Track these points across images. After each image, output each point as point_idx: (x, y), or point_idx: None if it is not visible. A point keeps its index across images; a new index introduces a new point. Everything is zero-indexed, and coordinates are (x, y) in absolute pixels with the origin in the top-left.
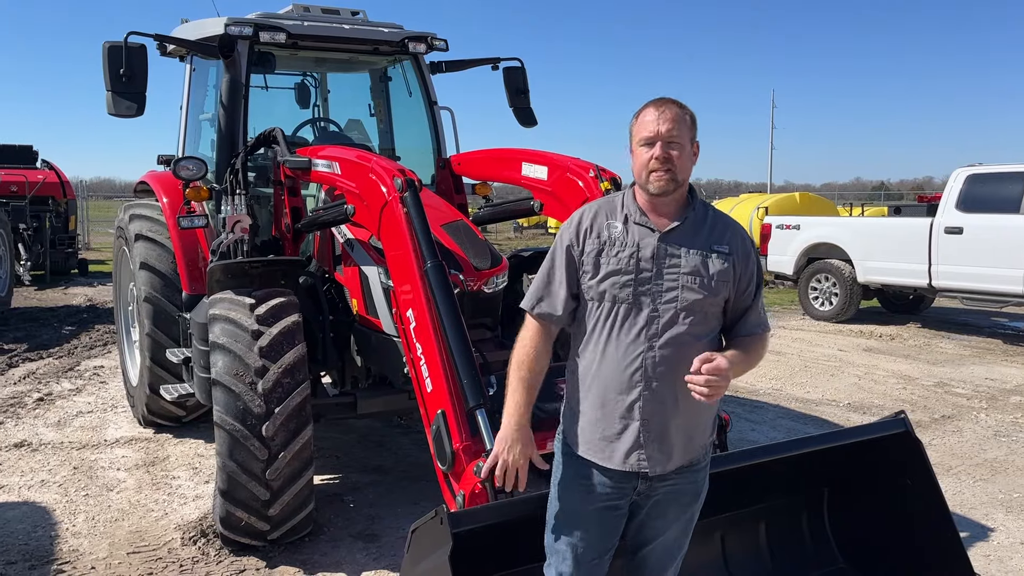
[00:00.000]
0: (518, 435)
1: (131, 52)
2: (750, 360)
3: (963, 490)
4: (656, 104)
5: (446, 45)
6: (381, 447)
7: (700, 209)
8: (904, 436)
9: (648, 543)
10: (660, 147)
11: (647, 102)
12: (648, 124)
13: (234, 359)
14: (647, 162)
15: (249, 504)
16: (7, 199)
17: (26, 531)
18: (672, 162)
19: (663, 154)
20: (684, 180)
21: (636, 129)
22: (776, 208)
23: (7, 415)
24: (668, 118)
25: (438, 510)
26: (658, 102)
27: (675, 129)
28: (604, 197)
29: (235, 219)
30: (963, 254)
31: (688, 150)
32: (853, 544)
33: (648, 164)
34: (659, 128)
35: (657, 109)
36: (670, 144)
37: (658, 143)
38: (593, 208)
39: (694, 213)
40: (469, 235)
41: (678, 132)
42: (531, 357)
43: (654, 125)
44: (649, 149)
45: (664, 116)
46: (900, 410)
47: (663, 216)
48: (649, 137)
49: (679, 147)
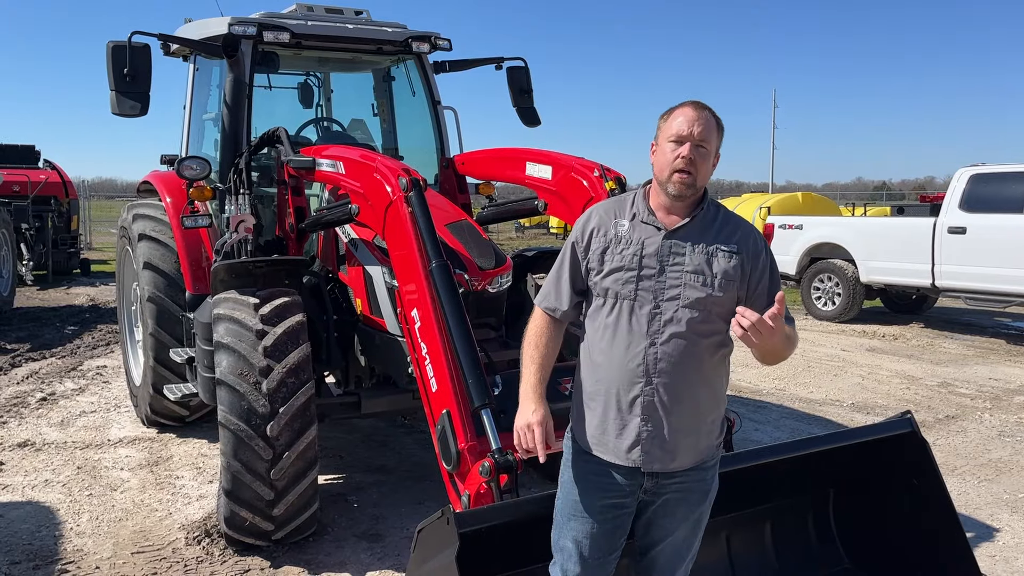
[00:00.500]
0: (532, 403)
1: (135, 52)
2: (789, 342)
3: (968, 490)
4: (695, 105)
5: (450, 45)
6: (384, 447)
7: (711, 209)
8: (911, 436)
9: (657, 543)
10: (689, 147)
11: (684, 101)
12: (682, 123)
13: (238, 359)
14: (673, 160)
15: (253, 504)
16: (9, 199)
17: (30, 531)
18: (696, 166)
19: (691, 155)
20: (702, 187)
21: (668, 125)
22: (779, 208)
23: (10, 415)
24: (703, 121)
25: (444, 510)
26: (697, 104)
27: (706, 133)
28: (615, 197)
29: (239, 219)
30: (966, 254)
31: (711, 159)
32: (859, 544)
33: (673, 163)
34: (693, 129)
35: (695, 110)
36: (699, 147)
37: (688, 144)
38: (602, 207)
39: (703, 212)
40: (473, 235)
41: (708, 137)
42: (540, 338)
43: (688, 126)
44: (677, 147)
45: (700, 118)
46: (907, 410)
47: (672, 215)
48: (681, 136)
49: (706, 153)
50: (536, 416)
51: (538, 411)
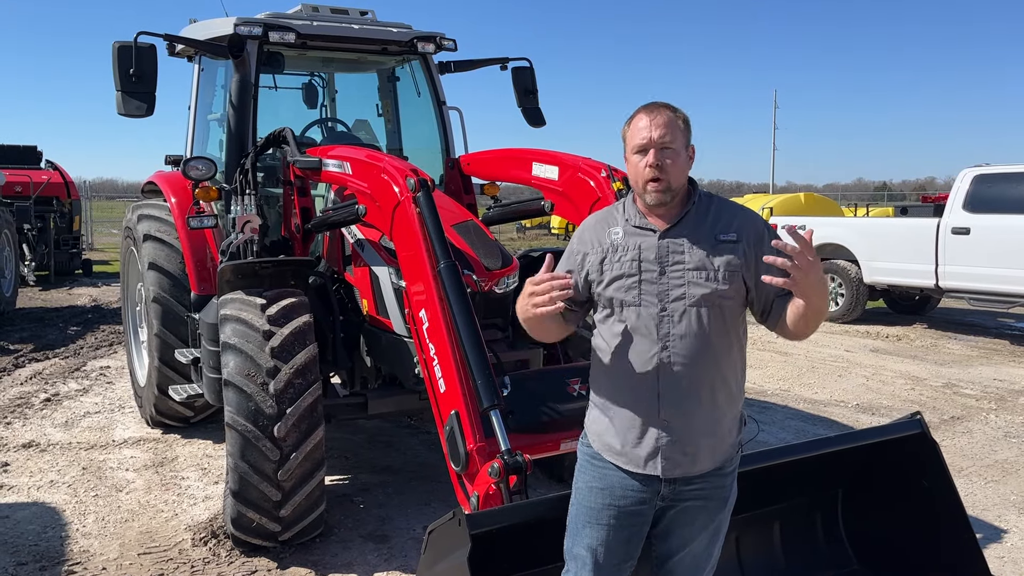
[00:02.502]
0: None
1: (141, 52)
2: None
3: (974, 491)
4: (648, 110)
5: (455, 45)
6: (390, 447)
7: (703, 201)
8: (920, 437)
9: (676, 553)
10: (654, 154)
11: (639, 107)
12: (640, 131)
13: (246, 360)
14: (642, 170)
15: (261, 505)
16: (12, 199)
17: (36, 532)
18: (666, 171)
19: (656, 161)
20: (679, 187)
21: (629, 136)
22: (781, 208)
23: (15, 415)
24: (660, 123)
25: (456, 511)
26: (650, 107)
27: (668, 135)
28: (604, 209)
29: (245, 219)
30: (970, 255)
31: (683, 156)
32: (867, 545)
33: (643, 173)
34: (651, 134)
35: (649, 115)
36: (664, 150)
37: (651, 150)
38: (593, 220)
39: (695, 206)
40: (479, 235)
41: (671, 138)
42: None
43: (647, 131)
44: (643, 157)
45: (656, 121)
46: (916, 411)
47: (664, 216)
48: (642, 144)
49: (673, 153)
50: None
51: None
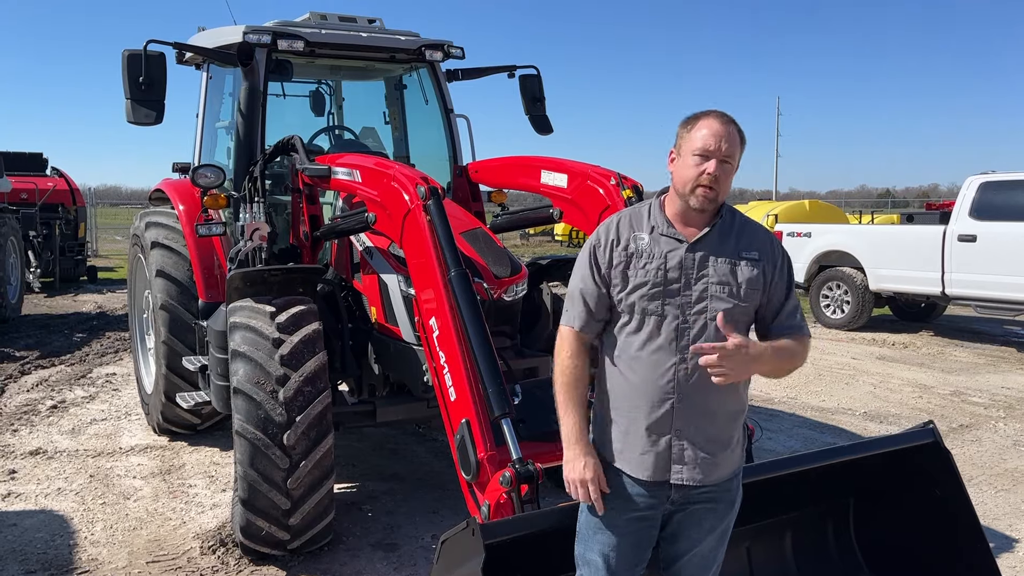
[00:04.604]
0: (581, 455)
1: (150, 60)
2: (781, 355)
3: (985, 500)
4: (721, 119)
5: (462, 53)
6: (396, 455)
7: (728, 216)
8: (933, 446)
9: (683, 555)
10: (716, 164)
11: (708, 112)
12: (708, 137)
13: (255, 367)
14: (698, 175)
15: (270, 513)
16: (17, 206)
17: (45, 540)
18: (720, 182)
19: (717, 172)
20: (723, 200)
21: (692, 136)
22: (786, 215)
23: (21, 422)
24: (729, 137)
25: (469, 521)
26: (723, 117)
27: (732, 149)
28: (628, 208)
29: (254, 227)
30: (977, 262)
31: (734, 173)
32: (879, 555)
33: (699, 178)
34: (720, 145)
35: (722, 124)
36: (724, 163)
37: (714, 160)
38: (616, 220)
39: (722, 221)
40: (488, 243)
41: (733, 153)
42: (575, 365)
43: (716, 140)
44: (703, 162)
45: (727, 134)
46: (929, 420)
47: (691, 226)
48: (708, 151)
49: (730, 168)
50: (589, 472)
51: (588, 464)
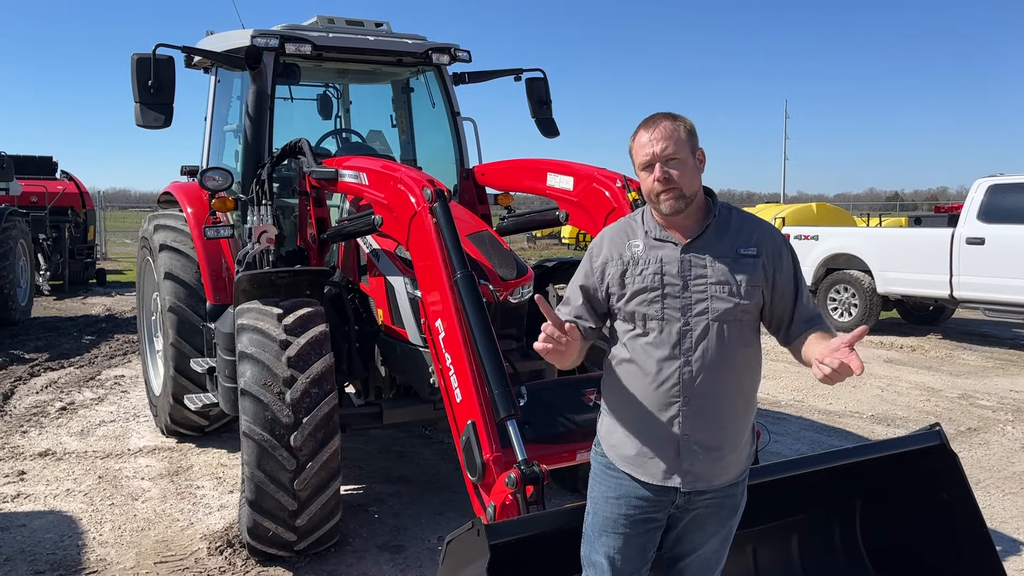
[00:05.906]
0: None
1: (159, 64)
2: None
3: (992, 504)
4: (647, 125)
5: (469, 56)
6: (402, 457)
7: (723, 213)
8: (940, 449)
9: (686, 556)
10: (659, 168)
11: (640, 123)
12: (643, 147)
13: (262, 369)
14: (652, 185)
15: (276, 514)
16: (27, 209)
17: (53, 540)
18: (674, 181)
19: (663, 175)
20: (693, 194)
21: (634, 153)
22: (794, 218)
23: (31, 424)
24: (661, 137)
25: (474, 521)
26: (648, 122)
27: (670, 146)
28: (622, 219)
29: (261, 229)
30: (985, 265)
31: (691, 163)
32: (886, 558)
33: (652, 187)
34: (654, 149)
35: (648, 130)
36: (668, 162)
37: (656, 164)
38: (611, 231)
39: (716, 219)
40: (494, 245)
41: (674, 149)
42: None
43: (649, 147)
44: (649, 172)
45: (656, 136)
46: (935, 423)
47: (684, 228)
48: (647, 160)
49: (679, 163)
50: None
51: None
